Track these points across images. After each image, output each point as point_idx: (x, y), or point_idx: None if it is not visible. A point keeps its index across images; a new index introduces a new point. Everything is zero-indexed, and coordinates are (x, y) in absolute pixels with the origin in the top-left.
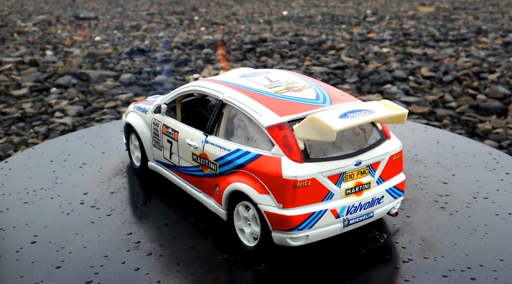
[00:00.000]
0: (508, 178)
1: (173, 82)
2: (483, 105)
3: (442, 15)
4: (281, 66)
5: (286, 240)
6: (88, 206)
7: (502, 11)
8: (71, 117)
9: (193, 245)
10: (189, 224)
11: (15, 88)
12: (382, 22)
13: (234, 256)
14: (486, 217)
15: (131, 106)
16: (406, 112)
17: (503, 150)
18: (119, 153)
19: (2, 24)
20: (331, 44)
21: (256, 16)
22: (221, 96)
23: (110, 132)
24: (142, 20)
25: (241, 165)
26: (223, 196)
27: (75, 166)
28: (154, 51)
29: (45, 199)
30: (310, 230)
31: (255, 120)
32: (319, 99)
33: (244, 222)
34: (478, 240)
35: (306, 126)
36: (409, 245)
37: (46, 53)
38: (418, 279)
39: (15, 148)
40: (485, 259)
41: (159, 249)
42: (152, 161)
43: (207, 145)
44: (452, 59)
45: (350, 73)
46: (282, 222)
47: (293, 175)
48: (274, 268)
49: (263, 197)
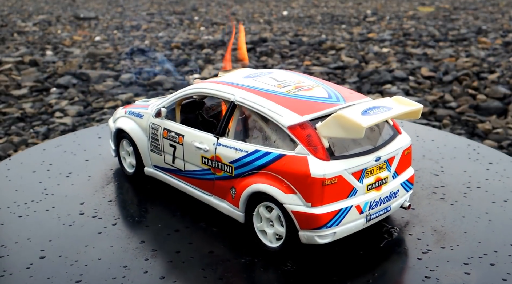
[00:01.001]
0: (492, 167)
1: (173, 82)
2: (483, 105)
3: (442, 15)
4: (281, 66)
5: (314, 239)
6: (89, 216)
7: (502, 11)
8: (71, 117)
9: (212, 249)
10: (201, 229)
11: (15, 88)
12: (382, 22)
13: (256, 257)
14: (485, 205)
15: (120, 111)
16: (421, 107)
17: (503, 150)
18: (104, 160)
19: (2, 24)
20: (331, 44)
21: (256, 16)
22: (232, 97)
23: (87, 140)
24: (142, 20)
25: (262, 165)
26: (241, 198)
27: (61, 176)
28: (154, 51)
29: (40, 211)
30: (338, 227)
31: (274, 121)
32: (332, 98)
33: (265, 223)
34: (485, 228)
35: (332, 124)
36: (423, 236)
37: (46, 53)
38: (443, 268)
39: (15, 148)
40: (497, 245)
41: (179, 256)
42: (149, 166)
43: (220, 147)
44: (452, 59)
45: (350, 73)
46: (311, 221)
47: (321, 173)
48: (300, 267)
49: (290, 197)
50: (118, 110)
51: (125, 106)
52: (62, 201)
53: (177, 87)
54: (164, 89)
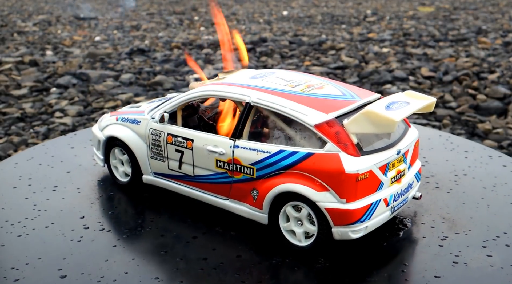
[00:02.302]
0: (469, 155)
1: (173, 82)
2: (483, 105)
3: (442, 15)
4: (281, 66)
5: (348, 234)
6: (95, 230)
7: (502, 11)
8: (71, 117)
9: (239, 253)
10: (218, 233)
11: (15, 88)
12: (382, 22)
13: (287, 257)
14: (477, 191)
15: (108, 118)
16: (434, 100)
17: (503, 150)
18: (87, 170)
19: (2, 24)
20: (331, 44)
21: (256, 16)
22: (247, 99)
23: (60, 150)
24: (142, 20)
25: (289, 165)
26: (265, 199)
27: (47, 190)
28: (154, 51)
29: (39, 229)
30: (369, 220)
31: (298, 120)
32: (346, 95)
33: (293, 223)
34: (486, 212)
35: (361, 120)
36: (436, 225)
37: (46, 53)
38: (466, 253)
39: (15, 148)
40: (505, 228)
41: (208, 263)
42: (148, 174)
43: (238, 150)
44: (452, 59)
45: (350, 73)
46: (346, 217)
47: (355, 169)
48: (332, 263)
49: (323, 195)
50: (104, 118)
51: (113, 113)
52: (60, 216)
53: (176, 87)
54: (164, 89)
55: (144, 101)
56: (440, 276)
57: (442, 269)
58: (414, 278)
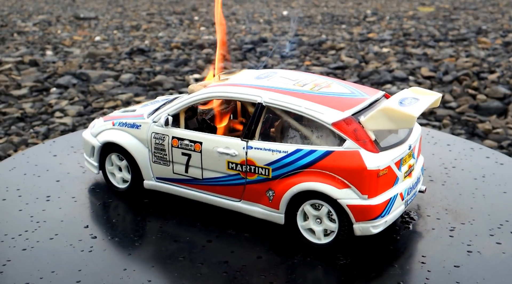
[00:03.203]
0: (452, 148)
1: (173, 82)
2: (483, 105)
3: (442, 15)
4: (281, 66)
5: (369, 229)
6: (104, 239)
7: (502, 11)
8: (71, 117)
9: (258, 254)
10: (232, 236)
11: (15, 88)
12: (382, 22)
13: (308, 256)
14: (470, 182)
15: (102, 124)
16: (440, 96)
17: (503, 150)
18: (78, 178)
19: (2, 24)
20: (331, 44)
21: (256, 16)
22: (259, 99)
23: (42, 159)
24: (142, 20)
25: (308, 164)
26: (282, 199)
27: (40, 200)
28: (154, 51)
29: (44, 241)
30: (388, 215)
31: (314, 119)
32: (354, 93)
33: (312, 221)
34: (484, 202)
35: (379, 117)
36: (441, 216)
37: (46, 53)
38: (477, 241)
39: (15, 148)
40: (505, 216)
41: (230, 266)
42: (151, 179)
43: (251, 151)
44: (452, 59)
45: (350, 73)
46: (367, 212)
47: (376, 165)
48: (353, 259)
49: (344, 192)
50: (97, 123)
51: (106, 118)
52: (62, 226)
53: (176, 87)
54: (164, 89)
55: (144, 101)
56: (459, 266)
57: (459, 259)
58: (436, 269)
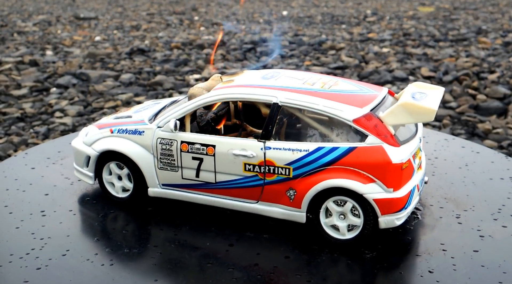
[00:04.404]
0: (428, 140)
1: (173, 82)
2: (483, 105)
3: (442, 15)
4: (281, 66)
5: (393, 222)
6: (122, 251)
7: (502, 11)
8: (71, 117)
9: (285, 254)
10: (253, 238)
11: (15, 88)
12: (382, 22)
13: (333, 252)
14: (456, 171)
15: (99, 132)
16: (443, 90)
17: (503, 150)
18: (67, 190)
19: (2, 24)
20: (331, 44)
21: (256, 16)
22: (274, 99)
23: (20, 172)
24: (142, 20)
25: (331, 161)
26: (304, 198)
27: (36, 216)
28: (154, 51)
29: (57, 258)
30: (409, 206)
31: (334, 116)
32: (363, 90)
33: (335, 217)
34: (476, 189)
35: (399, 112)
36: (443, 205)
37: (46, 53)
38: (484, 226)
39: (15, 148)
40: (500, 200)
41: (261, 268)
42: (155, 186)
43: (270, 151)
44: (452, 59)
45: (350, 73)
46: (393, 205)
47: (400, 159)
48: (378, 252)
49: (369, 186)
50: (90, 131)
51: (100, 126)
52: (71, 241)
53: (176, 87)
54: (164, 89)
55: (144, 101)
56: (477, 250)
57: (475, 244)
58: (458, 255)
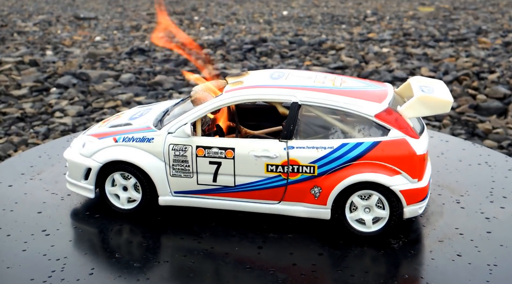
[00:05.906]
0: None
1: (173, 82)
2: (483, 105)
3: (442, 15)
4: (281, 66)
5: (416, 211)
6: (151, 264)
7: (502, 11)
8: (71, 117)
9: (318, 252)
10: (277, 239)
11: (15, 88)
12: (382, 22)
13: (361, 245)
14: (436, 159)
15: (100, 142)
16: (443, 82)
17: (503, 150)
18: (59, 206)
19: (2, 24)
20: (331, 44)
21: (256, 16)
22: (293, 99)
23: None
24: (142, 20)
25: (356, 157)
26: (330, 194)
27: (40, 236)
28: (154, 51)
29: (85, 278)
30: (429, 195)
31: (355, 112)
32: (371, 86)
33: (360, 211)
34: (461, 175)
35: (417, 105)
36: (440, 192)
37: (46, 53)
38: (485, 209)
39: (15, 148)
40: (487, 184)
41: (300, 268)
42: (167, 195)
43: (293, 150)
44: (452, 59)
45: (350, 73)
46: (417, 195)
47: (422, 150)
48: (403, 241)
49: (395, 178)
50: (87, 142)
51: (99, 135)
52: (92, 260)
53: (176, 87)
54: (164, 89)
55: (144, 101)
56: (490, 232)
57: (486, 226)
58: (476, 238)
